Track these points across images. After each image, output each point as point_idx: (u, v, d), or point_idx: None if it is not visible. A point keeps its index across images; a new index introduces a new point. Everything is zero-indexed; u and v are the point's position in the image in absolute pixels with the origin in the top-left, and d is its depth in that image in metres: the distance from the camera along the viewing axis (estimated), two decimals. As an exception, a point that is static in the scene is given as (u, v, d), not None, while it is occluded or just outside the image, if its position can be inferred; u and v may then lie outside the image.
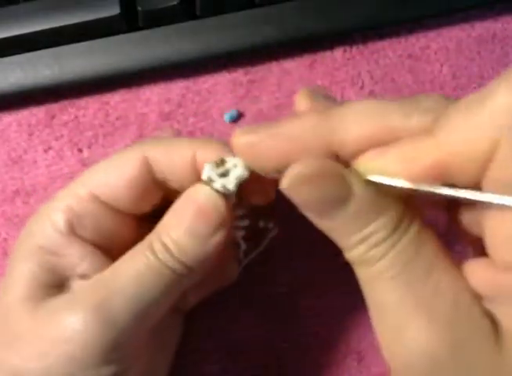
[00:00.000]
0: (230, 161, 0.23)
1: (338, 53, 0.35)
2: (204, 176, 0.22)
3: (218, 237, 0.22)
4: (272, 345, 0.31)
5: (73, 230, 0.24)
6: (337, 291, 0.31)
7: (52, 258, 0.24)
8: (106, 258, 0.24)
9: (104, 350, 0.21)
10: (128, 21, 0.34)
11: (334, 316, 0.31)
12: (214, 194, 0.22)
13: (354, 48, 0.35)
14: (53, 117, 0.35)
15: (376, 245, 0.19)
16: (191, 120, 0.34)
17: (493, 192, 0.18)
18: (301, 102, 0.22)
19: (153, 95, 0.35)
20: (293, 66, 0.35)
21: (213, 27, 0.34)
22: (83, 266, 0.24)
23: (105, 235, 0.25)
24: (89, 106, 0.35)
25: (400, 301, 0.19)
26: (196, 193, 0.22)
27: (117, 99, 0.35)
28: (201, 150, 0.24)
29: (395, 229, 0.19)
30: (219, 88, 0.35)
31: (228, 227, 0.23)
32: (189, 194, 0.23)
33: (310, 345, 0.31)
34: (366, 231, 0.19)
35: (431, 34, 0.35)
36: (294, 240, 0.32)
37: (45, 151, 0.34)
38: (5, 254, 0.33)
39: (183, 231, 0.22)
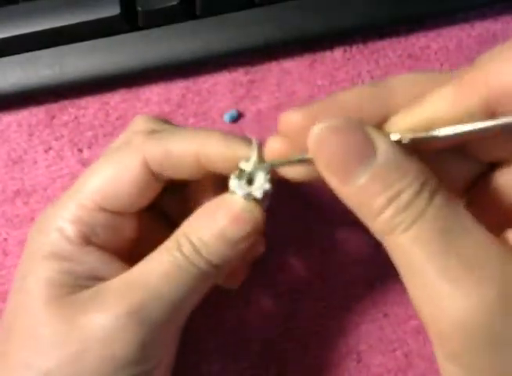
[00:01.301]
0: (248, 166, 0.23)
1: (338, 53, 0.35)
2: (232, 188, 0.23)
3: (249, 242, 0.23)
4: (272, 345, 0.31)
5: (86, 240, 0.24)
6: (336, 291, 0.31)
7: (67, 263, 0.24)
8: (117, 259, 0.25)
9: (141, 348, 0.22)
10: (128, 21, 0.34)
11: (334, 316, 0.31)
12: (252, 203, 0.23)
13: (354, 48, 0.35)
14: (53, 117, 0.35)
15: (405, 207, 0.18)
16: (191, 120, 0.34)
17: None
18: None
19: (153, 95, 0.35)
20: (293, 66, 0.35)
21: (213, 27, 0.34)
22: (101, 271, 0.24)
23: (114, 238, 0.25)
24: (89, 106, 0.35)
25: (442, 267, 0.17)
26: (232, 199, 0.23)
27: (117, 99, 0.35)
28: (203, 146, 0.24)
29: (423, 187, 0.18)
30: (219, 88, 0.35)
31: (260, 232, 0.23)
32: (223, 200, 0.23)
33: (310, 345, 0.31)
34: (393, 189, 0.18)
35: (431, 34, 0.35)
36: (294, 240, 0.32)
37: (45, 151, 0.34)
38: (5, 254, 0.33)
39: (215, 234, 0.23)
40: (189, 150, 0.24)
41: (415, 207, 0.18)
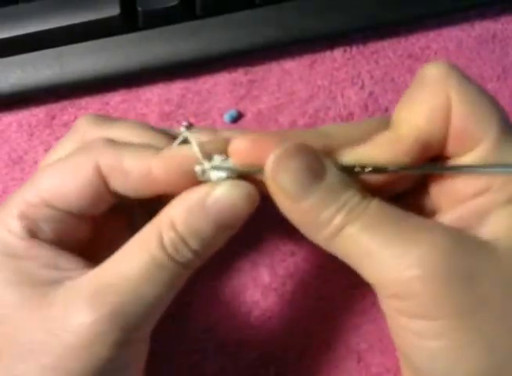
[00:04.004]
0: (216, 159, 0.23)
1: (338, 53, 0.35)
2: (198, 169, 0.23)
3: (237, 228, 0.23)
4: (271, 345, 0.31)
5: (33, 234, 0.24)
6: (336, 292, 0.31)
7: (21, 262, 0.23)
8: (75, 254, 0.24)
9: (119, 349, 0.22)
10: (128, 21, 0.34)
11: (334, 316, 0.31)
12: (246, 184, 0.23)
13: (354, 48, 0.35)
14: (54, 117, 0.35)
15: (350, 211, 0.21)
16: (191, 120, 0.34)
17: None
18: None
19: (153, 95, 0.35)
20: (293, 66, 0.35)
21: (213, 27, 0.34)
22: (58, 263, 0.24)
23: (68, 235, 0.25)
24: (89, 107, 0.35)
25: (394, 232, 0.21)
26: (223, 185, 0.23)
27: (117, 100, 0.35)
28: (158, 165, 0.23)
29: (364, 196, 0.22)
30: (219, 89, 0.35)
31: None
32: (204, 189, 0.23)
33: (309, 345, 0.31)
34: (341, 201, 0.21)
35: (431, 34, 0.35)
36: (294, 239, 0.32)
37: (46, 151, 0.34)
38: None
39: (208, 221, 0.22)
40: (140, 165, 0.23)
41: (358, 209, 0.21)
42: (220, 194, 0.23)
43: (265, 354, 0.31)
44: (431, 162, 0.24)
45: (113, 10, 0.33)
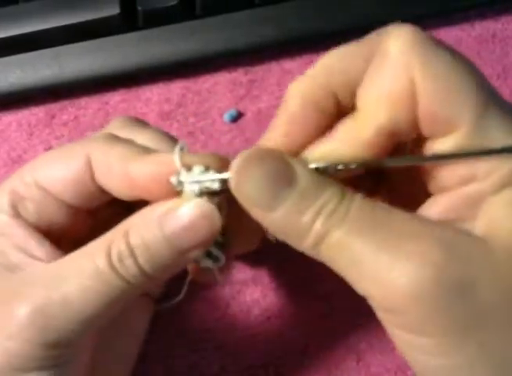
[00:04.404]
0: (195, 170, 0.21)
1: (338, 53, 0.35)
2: (174, 180, 0.21)
3: (199, 252, 0.21)
4: (271, 345, 0.31)
5: (16, 212, 0.24)
6: (337, 291, 0.31)
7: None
8: (56, 247, 0.24)
9: (42, 350, 0.21)
10: (127, 21, 0.34)
11: (334, 316, 0.31)
12: (211, 207, 0.21)
13: (354, 48, 0.35)
14: (53, 116, 0.35)
15: (331, 214, 0.19)
16: (191, 120, 0.34)
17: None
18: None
19: (153, 95, 0.35)
20: (293, 66, 0.35)
21: (213, 26, 0.34)
22: (29, 246, 0.23)
23: (51, 222, 0.24)
24: (89, 106, 0.35)
25: (381, 245, 0.19)
26: (184, 203, 0.21)
27: (116, 99, 0.35)
28: (135, 166, 0.22)
29: (343, 196, 0.20)
30: (219, 88, 0.35)
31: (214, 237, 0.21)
32: (175, 203, 0.21)
33: (309, 345, 0.31)
34: (318, 204, 0.19)
35: (431, 34, 0.35)
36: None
37: (45, 150, 0.34)
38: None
39: (160, 237, 0.21)
40: (122, 166, 0.22)
41: (340, 211, 0.19)
42: (179, 213, 0.21)
43: (265, 354, 0.31)
44: (400, 154, 0.21)
45: (113, 10, 0.33)
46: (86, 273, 0.21)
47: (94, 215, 0.26)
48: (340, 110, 0.21)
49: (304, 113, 0.21)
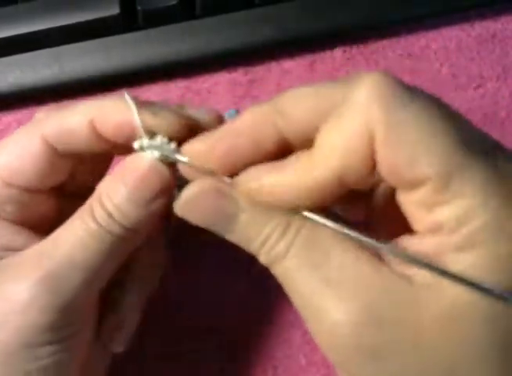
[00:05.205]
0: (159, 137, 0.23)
1: (338, 53, 0.35)
2: (136, 145, 0.23)
3: (159, 203, 0.23)
4: (271, 345, 0.31)
5: None
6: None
7: None
8: (35, 234, 0.25)
9: (58, 315, 0.22)
10: (127, 21, 0.34)
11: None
12: (158, 162, 0.22)
13: (354, 48, 0.35)
14: (53, 116, 0.35)
15: (275, 245, 0.20)
16: (191, 120, 0.34)
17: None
18: None
19: (153, 95, 0.35)
20: (293, 66, 0.35)
21: (213, 27, 0.34)
22: (14, 243, 0.24)
23: (28, 213, 0.25)
24: (89, 106, 0.35)
25: (313, 287, 0.20)
26: (138, 159, 0.23)
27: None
28: (98, 115, 0.23)
29: (287, 227, 0.20)
30: (219, 88, 0.35)
31: (170, 194, 0.23)
32: (131, 161, 0.23)
33: (309, 345, 0.31)
34: (263, 235, 0.20)
35: (431, 34, 0.35)
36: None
37: (45, 151, 0.34)
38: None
39: (125, 197, 0.22)
40: (81, 119, 0.23)
41: (283, 242, 0.20)
42: (135, 166, 0.22)
43: (265, 354, 0.31)
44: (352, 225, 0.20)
45: (113, 10, 0.33)
46: (80, 235, 0.22)
47: (58, 196, 0.26)
48: (283, 148, 0.21)
49: (243, 141, 0.21)
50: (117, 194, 0.22)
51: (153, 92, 0.35)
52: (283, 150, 0.21)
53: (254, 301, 0.32)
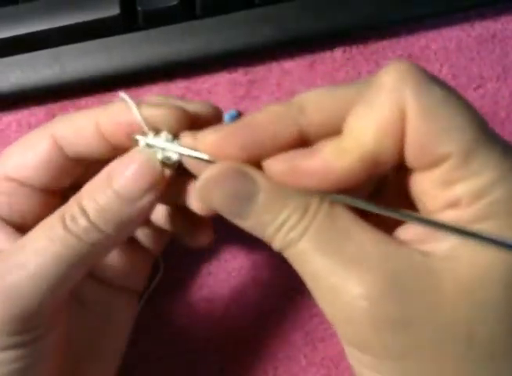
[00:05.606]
0: (164, 134, 0.23)
1: (338, 53, 0.35)
2: (142, 142, 0.22)
3: (146, 200, 0.22)
4: (271, 345, 0.31)
5: None
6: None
7: None
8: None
9: (10, 323, 0.21)
10: (127, 21, 0.34)
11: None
12: (152, 158, 0.22)
13: (354, 48, 0.35)
14: (53, 116, 0.35)
15: (292, 229, 0.20)
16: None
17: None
18: None
19: (153, 94, 0.35)
20: (293, 66, 0.35)
21: (213, 27, 0.34)
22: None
23: (23, 213, 0.25)
24: (89, 106, 0.35)
25: (331, 266, 0.20)
26: (131, 154, 0.22)
27: (116, 99, 0.35)
28: (102, 116, 0.24)
29: (305, 211, 0.20)
30: (219, 88, 0.35)
31: (160, 192, 0.22)
32: (122, 157, 0.23)
33: (309, 346, 0.31)
34: (279, 219, 0.20)
35: (431, 34, 0.35)
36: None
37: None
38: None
39: (110, 192, 0.22)
40: (88, 122, 0.24)
41: (301, 225, 0.20)
42: (122, 162, 0.22)
43: (265, 354, 0.31)
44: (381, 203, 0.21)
45: (113, 10, 0.33)
46: (41, 238, 0.22)
47: (65, 198, 0.26)
48: (300, 145, 0.21)
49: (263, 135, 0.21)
50: (100, 191, 0.22)
51: (154, 92, 0.35)
52: (300, 146, 0.21)
53: (255, 302, 0.32)
